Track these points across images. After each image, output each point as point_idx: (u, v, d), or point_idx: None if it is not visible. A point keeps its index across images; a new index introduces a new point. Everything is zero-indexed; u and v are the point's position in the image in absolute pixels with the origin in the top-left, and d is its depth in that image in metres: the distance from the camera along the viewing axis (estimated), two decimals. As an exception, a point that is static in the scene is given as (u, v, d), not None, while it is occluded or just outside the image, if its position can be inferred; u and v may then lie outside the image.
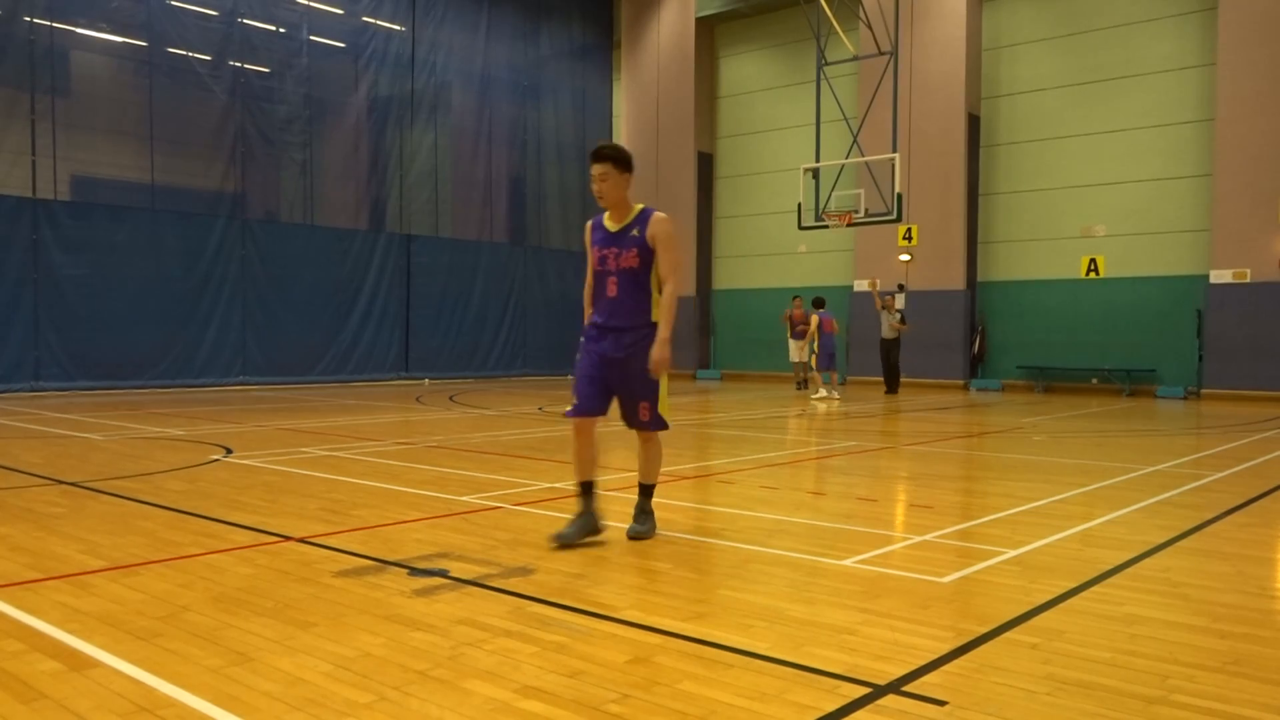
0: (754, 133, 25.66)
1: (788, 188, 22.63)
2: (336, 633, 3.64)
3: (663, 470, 8.39)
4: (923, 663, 3.33)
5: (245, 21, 19.54)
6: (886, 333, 19.46)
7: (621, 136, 27.32)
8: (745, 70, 25.95)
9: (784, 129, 24.76)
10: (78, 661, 3.30)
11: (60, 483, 7.18)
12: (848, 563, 4.84)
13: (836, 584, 4.43)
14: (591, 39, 26.59)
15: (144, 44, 18.40)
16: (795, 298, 20.88)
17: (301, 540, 5.26)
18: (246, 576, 4.48)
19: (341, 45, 21.45)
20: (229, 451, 9.09)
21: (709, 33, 26.19)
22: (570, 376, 16.38)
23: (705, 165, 26.25)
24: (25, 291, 16.61)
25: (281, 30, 20.23)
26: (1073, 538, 5.49)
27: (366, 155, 22.05)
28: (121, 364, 17.57)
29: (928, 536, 5.51)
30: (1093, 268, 20.49)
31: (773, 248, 25.12)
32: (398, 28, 22.06)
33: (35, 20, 16.89)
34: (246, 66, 19.61)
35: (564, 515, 6.04)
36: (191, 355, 18.58)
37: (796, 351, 20.22)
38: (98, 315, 17.32)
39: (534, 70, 25.05)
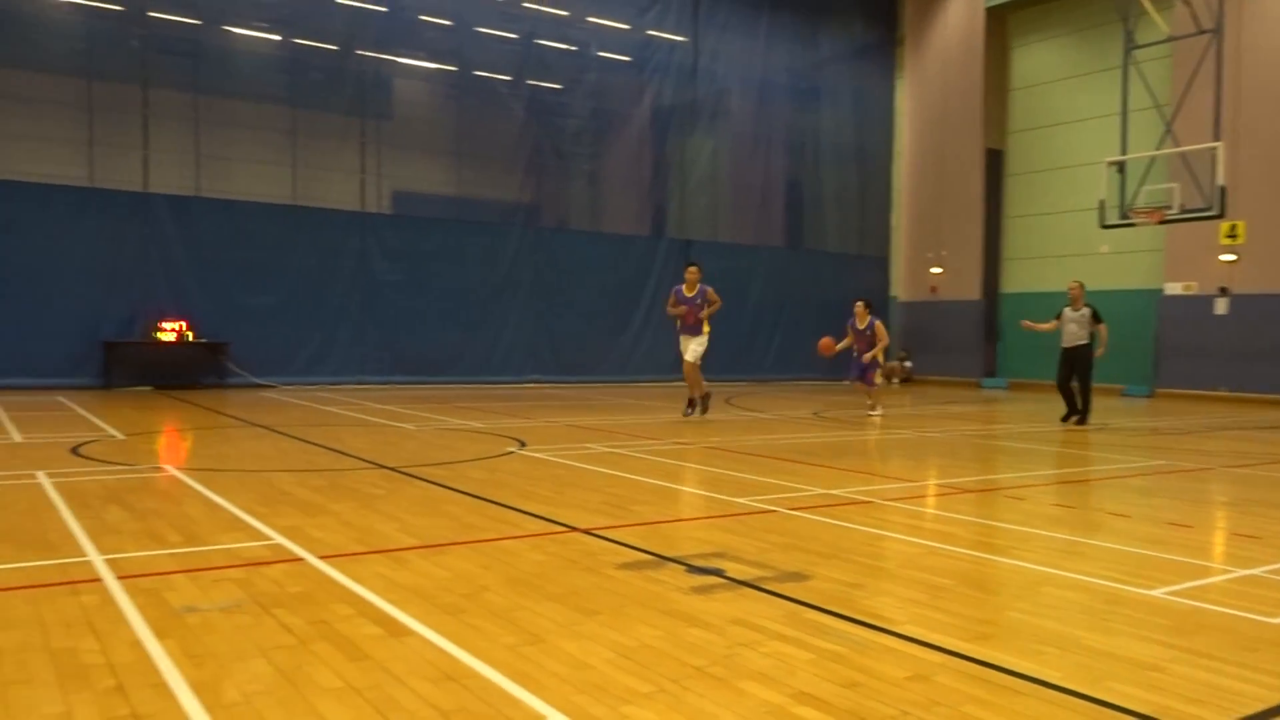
0: (1049, 126, 23.99)
1: (1086, 183, 20.95)
2: (618, 622, 3.79)
3: (942, 482, 8.08)
4: (1248, 712, 2.98)
5: (540, 42, 20.88)
6: (1075, 338, 13.40)
7: (904, 135, 26.49)
8: (1040, 60, 24.33)
9: (1083, 120, 22.95)
10: (395, 628, 3.67)
11: (381, 467, 8.00)
12: (1156, 593, 4.41)
13: (1141, 615, 4.05)
14: (873, 37, 26.00)
15: (454, 69, 20.18)
16: (860, 300, 14.47)
17: (586, 531, 5.54)
18: (537, 562, 4.77)
19: (627, 59, 22.35)
20: (522, 445, 9.73)
21: (1000, 23, 24.78)
22: (850, 382, 15.65)
23: (994, 162, 24.87)
24: (354, 296, 18.70)
25: (573, 48, 21.42)
26: None
27: (649, 164, 22.86)
28: (431, 361, 19.34)
29: (1254, 571, 4.91)
30: None
31: (1069, 248, 23.36)
32: (681, 39, 22.67)
33: (365, 53, 18.99)
34: (541, 84, 20.95)
35: (841, 523, 5.95)
36: (489, 354, 20.12)
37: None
38: (411, 317, 19.18)
39: (812, 73, 24.88)
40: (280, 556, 4.78)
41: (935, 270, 25.59)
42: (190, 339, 16.81)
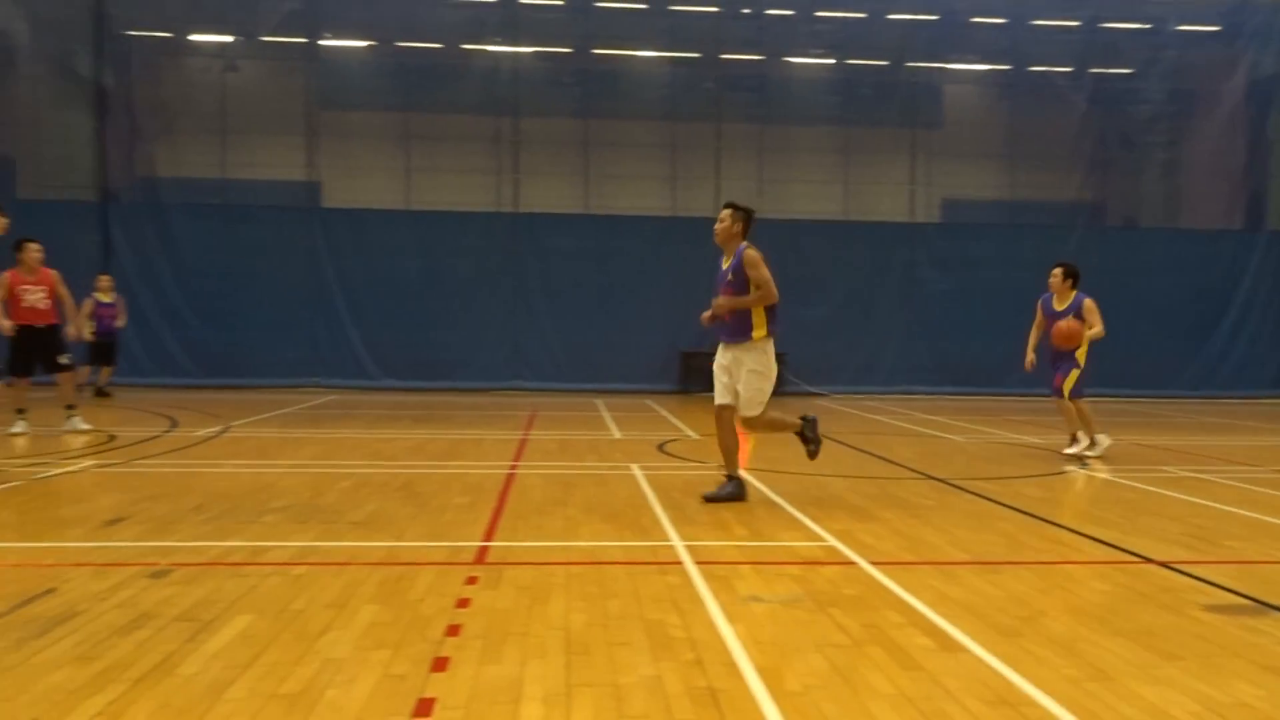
0: None
1: None
2: (1207, 673, 3.33)
3: None
4: None
5: (1106, 25, 19.17)
6: None
7: None
8: None
9: None
10: (946, 643, 3.61)
11: (929, 478, 7.95)
12: None
13: None
14: None
15: (1007, 68, 19.38)
16: (1059, 266, 9.57)
17: (1163, 564, 4.94)
18: (1103, 593, 4.38)
19: (1214, 29, 19.56)
20: (1084, 463, 8.99)
21: None
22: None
23: None
24: (901, 306, 18.82)
25: (1146, 26, 19.34)
26: None
27: (1242, 146, 19.72)
28: (980, 371, 18.65)
29: None
30: None
31: None
32: (1287, -5, 19.29)
33: (915, 64, 19.07)
34: (1107, 71, 19.24)
35: None
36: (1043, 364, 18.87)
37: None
38: (960, 326, 18.70)
39: None
40: (833, 558, 4.98)
41: None
42: (753, 350, 18.33)
